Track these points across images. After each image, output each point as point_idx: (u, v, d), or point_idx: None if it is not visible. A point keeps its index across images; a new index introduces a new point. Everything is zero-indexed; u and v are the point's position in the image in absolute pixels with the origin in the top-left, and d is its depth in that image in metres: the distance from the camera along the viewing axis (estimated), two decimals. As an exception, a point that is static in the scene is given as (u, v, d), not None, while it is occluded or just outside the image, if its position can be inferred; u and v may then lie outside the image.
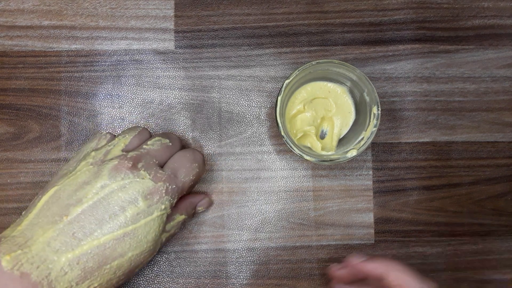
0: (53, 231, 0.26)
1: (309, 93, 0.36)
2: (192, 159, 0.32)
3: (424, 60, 0.39)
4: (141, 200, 0.28)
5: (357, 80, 0.34)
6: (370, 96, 0.34)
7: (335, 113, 0.36)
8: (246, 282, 0.37)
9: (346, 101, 0.36)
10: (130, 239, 0.28)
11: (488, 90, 0.40)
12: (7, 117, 0.37)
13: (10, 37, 0.38)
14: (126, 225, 0.27)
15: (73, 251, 0.26)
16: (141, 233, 0.28)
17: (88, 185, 0.28)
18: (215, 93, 0.38)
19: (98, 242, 0.27)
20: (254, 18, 0.39)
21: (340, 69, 0.34)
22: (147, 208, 0.28)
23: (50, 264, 0.25)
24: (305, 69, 0.33)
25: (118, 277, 0.28)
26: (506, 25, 0.40)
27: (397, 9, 0.40)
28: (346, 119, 0.37)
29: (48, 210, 0.27)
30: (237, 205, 0.38)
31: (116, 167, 0.28)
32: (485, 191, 0.39)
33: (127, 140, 0.31)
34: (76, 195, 0.28)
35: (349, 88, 0.36)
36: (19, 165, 0.37)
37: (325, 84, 0.36)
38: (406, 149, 0.39)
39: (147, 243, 0.29)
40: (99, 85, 0.38)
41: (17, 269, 0.25)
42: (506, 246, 0.39)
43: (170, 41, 0.38)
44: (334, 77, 0.36)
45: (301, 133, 0.36)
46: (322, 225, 0.38)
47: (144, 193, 0.28)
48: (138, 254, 0.28)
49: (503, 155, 0.39)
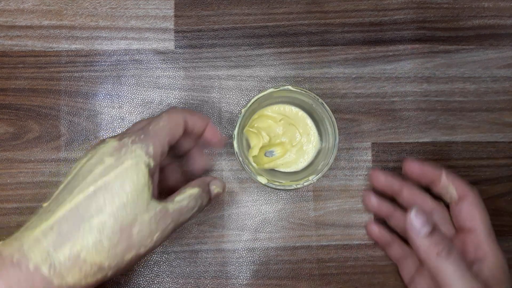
0: (32, 216, 0.27)
1: (291, 114, 0.37)
2: (161, 114, 0.30)
3: (424, 60, 0.39)
4: (107, 158, 0.27)
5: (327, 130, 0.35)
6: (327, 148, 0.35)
7: (295, 152, 0.37)
8: (246, 282, 0.37)
9: (311, 150, 0.37)
10: (104, 193, 0.26)
11: (488, 90, 0.40)
12: (7, 117, 0.37)
13: (10, 37, 0.38)
14: (95, 181, 0.26)
15: (46, 221, 0.26)
16: (115, 186, 0.26)
17: (70, 169, 0.28)
18: (215, 93, 0.38)
19: (70, 205, 0.26)
20: (254, 18, 0.39)
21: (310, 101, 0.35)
22: (114, 162, 0.27)
23: (23, 238, 0.25)
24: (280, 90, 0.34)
25: (107, 237, 0.26)
26: (506, 25, 0.40)
27: (397, 9, 0.40)
28: (298, 163, 0.37)
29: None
30: (237, 205, 0.38)
31: (96, 144, 0.29)
32: (485, 191, 0.39)
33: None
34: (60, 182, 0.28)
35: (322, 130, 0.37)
36: (19, 165, 0.37)
37: (308, 121, 0.37)
38: (406, 149, 0.39)
39: (126, 195, 0.26)
40: (99, 85, 0.38)
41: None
42: (506, 246, 0.39)
43: (170, 41, 0.38)
44: (318, 118, 0.36)
45: (255, 130, 0.36)
46: (322, 225, 0.38)
47: (110, 151, 0.27)
48: (119, 207, 0.26)
49: (503, 155, 0.39)
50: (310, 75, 0.39)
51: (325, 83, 0.39)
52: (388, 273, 0.38)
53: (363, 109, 0.39)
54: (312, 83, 0.39)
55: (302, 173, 0.36)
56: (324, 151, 0.36)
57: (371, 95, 0.39)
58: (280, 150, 0.37)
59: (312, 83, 0.39)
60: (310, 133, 0.37)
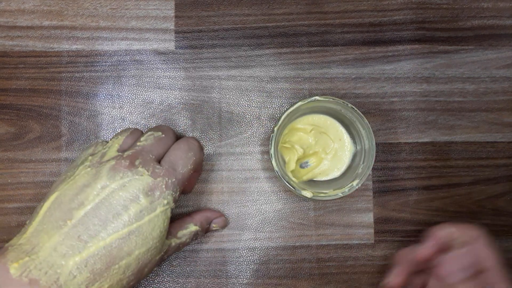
0: (59, 236, 0.26)
1: (320, 122, 0.37)
2: (187, 149, 0.32)
3: (424, 60, 0.39)
4: (142, 197, 0.28)
5: (366, 146, 0.35)
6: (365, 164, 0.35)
7: (330, 159, 0.37)
8: (246, 282, 0.38)
9: (346, 155, 0.37)
10: (136, 237, 0.28)
11: (487, 90, 0.40)
12: (7, 117, 0.37)
13: (11, 37, 0.38)
14: (131, 223, 0.27)
15: (80, 254, 0.26)
16: (146, 230, 0.28)
17: (88, 188, 0.28)
18: (215, 93, 0.38)
19: (104, 243, 0.27)
20: (254, 18, 0.39)
21: (355, 118, 0.35)
22: (149, 205, 0.28)
23: (58, 268, 0.25)
24: (310, 102, 0.34)
25: (127, 277, 0.28)
26: (506, 25, 0.40)
27: (397, 9, 0.40)
28: (335, 169, 0.37)
29: (51, 216, 0.27)
30: (237, 205, 0.38)
31: (114, 167, 0.29)
32: (484, 191, 0.39)
33: (120, 140, 0.32)
34: (78, 198, 0.28)
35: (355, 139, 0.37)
36: (19, 165, 0.37)
37: (338, 127, 0.37)
38: (406, 149, 0.39)
39: (152, 240, 0.29)
40: (99, 85, 0.38)
41: (25, 276, 0.24)
42: (506, 246, 0.39)
43: (171, 42, 0.39)
44: (348, 122, 0.36)
45: (288, 145, 0.36)
46: (322, 225, 0.38)
47: (145, 190, 0.28)
48: (144, 251, 0.28)
49: (502, 155, 0.39)
50: (310, 75, 0.39)
51: (325, 84, 0.39)
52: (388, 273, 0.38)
53: (363, 109, 0.39)
54: (312, 83, 0.39)
55: (343, 178, 0.36)
56: (360, 153, 0.35)
57: (371, 95, 0.39)
58: (314, 160, 0.37)
59: (312, 83, 0.39)
60: (342, 138, 0.37)
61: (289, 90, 0.39)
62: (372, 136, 0.34)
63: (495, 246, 0.33)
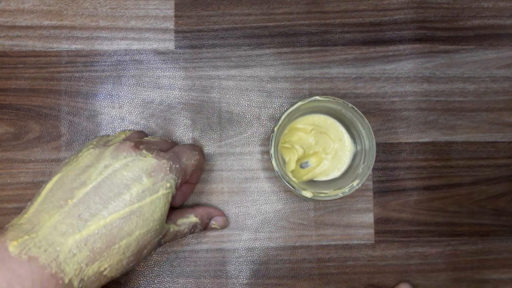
0: (59, 215, 0.26)
1: (320, 122, 0.37)
2: (192, 148, 0.33)
3: (424, 60, 0.39)
4: (145, 178, 0.28)
5: (367, 145, 0.35)
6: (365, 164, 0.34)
7: (330, 159, 0.37)
8: (246, 282, 0.38)
9: (346, 155, 0.37)
10: (137, 217, 0.27)
11: (488, 90, 0.40)
12: (7, 117, 0.37)
13: (10, 37, 0.38)
14: (132, 203, 0.27)
15: (80, 232, 0.26)
16: (147, 211, 0.28)
17: (91, 168, 0.28)
18: (215, 93, 0.38)
19: (105, 222, 0.27)
20: (254, 18, 0.39)
21: (354, 118, 0.35)
22: (152, 186, 0.28)
23: (58, 246, 0.25)
24: (310, 101, 0.34)
25: (127, 258, 0.28)
26: (506, 25, 0.40)
27: (397, 9, 0.40)
28: (336, 169, 0.37)
29: (53, 196, 0.27)
30: (237, 205, 0.38)
31: (118, 147, 0.29)
32: (485, 191, 0.39)
33: (127, 133, 0.33)
34: (80, 178, 0.28)
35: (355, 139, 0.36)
36: (19, 165, 0.37)
37: (338, 127, 0.37)
38: (406, 149, 0.39)
39: (153, 222, 0.28)
40: (99, 85, 0.38)
41: (24, 253, 0.24)
42: (506, 246, 0.39)
43: (170, 41, 0.38)
44: (348, 122, 0.36)
45: (289, 145, 0.36)
46: (322, 225, 0.38)
47: (148, 171, 0.28)
48: (145, 232, 0.28)
49: (503, 155, 0.39)
50: (310, 75, 0.39)
51: (325, 83, 0.39)
52: (388, 273, 0.38)
53: (363, 109, 0.39)
54: (312, 83, 0.39)
55: (343, 178, 0.36)
56: (360, 153, 0.35)
57: (371, 95, 0.39)
58: (314, 160, 0.37)
59: (312, 83, 0.39)
60: (342, 138, 0.37)
61: (289, 90, 0.39)
62: (373, 136, 0.34)
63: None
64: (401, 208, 0.39)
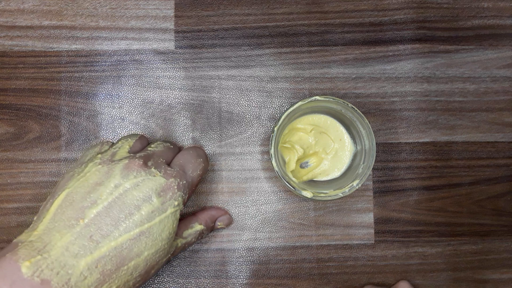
0: (71, 235, 0.26)
1: (320, 122, 0.37)
2: (196, 155, 0.33)
3: (424, 60, 0.39)
4: (155, 197, 0.28)
5: (367, 146, 0.35)
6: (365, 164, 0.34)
7: (330, 159, 0.37)
8: (246, 282, 0.38)
9: (346, 155, 0.37)
10: (146, 237, 0.27)
11: (488, 90, 0.40)
12: (7, 117, 0.37)
13: (10, 37, 0.38)
14: (142, 224, 0.27)
15: (91, 254, 0.26)
16: (156, 231, 0.28)
17: (101, 186, 0.28)
18: (215, 93, 0.38)
19: (116, 243, 0.27)
20: (254, 18, 0.39)
21: (355, 118, 0.34)
22: (161, 205, 0.28)
23: (70, 269, 0.25)
24: (310, 101, 0.34)
25: (134, 278, 0.28)
26: (506, 25, 0.40)
27: (397, 9, 0.40)
28: (336, 169, 0.37)
29: (63, 213, 0.27)
30: (237, 205, 0.38)
31: (127, 165, 0.29)
32: (485, 191, 0.39)
33: (130, 143, 0.32)
34: (90, 196, 0.27)
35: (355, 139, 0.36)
36: (19, 165, 0.37)
37: (338, 127, 0.37)
38: (406, 149, 0.39)
39: (161, 241, 0.29)
40: (99, 85, 0.38)
41: (37, 275, 0.24)
42: (506, 246, 0.39)
43: (170, 41, 0.38)
44: (348, 122, 0.36)
45: (289, 145, 0.36)
46: (322, 225, 0.38)
47: (157, 190, 0.28)
48: (153, 253, 0.28)
49: (503, 155, 0.39)
50: (310, 75, 0.39)
51: (325, 83, 0.39)
52: (388, 273, 0.38)
53: (363, 109, 0.39)
54: (312, 83, 0.39)
55: (343, 178, 0.36)
56: (360, 153, 0.35)
57: (371, 95, 0.39)
58: (314, 160, 0.37)
59: (312, 83, 0.39)
60: (342, 138, 0.37)
61: (289, 90, 0.39)
62: (373, 136, 0.34)
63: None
64: (401, 208, 0.39)
